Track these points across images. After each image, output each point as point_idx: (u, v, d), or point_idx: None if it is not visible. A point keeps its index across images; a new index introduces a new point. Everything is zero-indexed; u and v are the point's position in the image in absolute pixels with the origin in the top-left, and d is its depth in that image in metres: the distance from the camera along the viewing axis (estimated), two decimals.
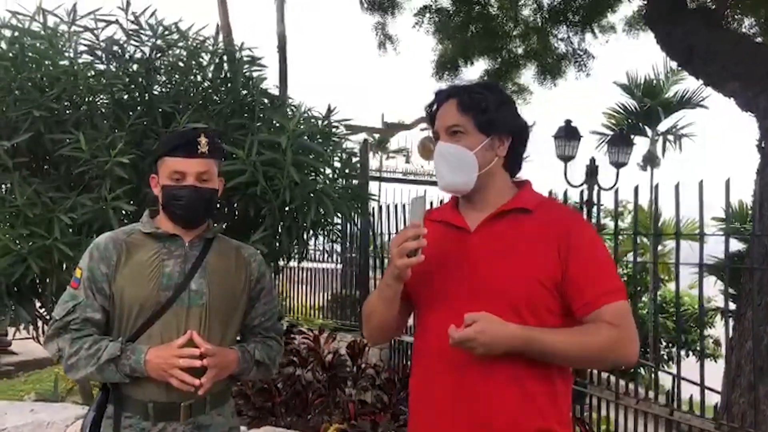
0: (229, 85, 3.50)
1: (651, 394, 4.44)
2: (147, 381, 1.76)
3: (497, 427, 1.55)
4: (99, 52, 3.30)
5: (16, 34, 3.14)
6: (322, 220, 3.39)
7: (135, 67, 3.33)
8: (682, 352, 11.79)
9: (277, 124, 3.30)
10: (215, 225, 1.97)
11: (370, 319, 1.77)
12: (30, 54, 3.12)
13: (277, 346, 2.03)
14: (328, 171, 3.45)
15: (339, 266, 8.34)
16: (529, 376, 1.55)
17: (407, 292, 1.71)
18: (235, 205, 3.44)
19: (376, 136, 15.67)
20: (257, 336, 2.00)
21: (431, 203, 5.53)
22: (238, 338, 2.01)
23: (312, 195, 3.15)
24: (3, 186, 3.04)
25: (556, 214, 1.65)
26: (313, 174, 3.35)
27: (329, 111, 3.43)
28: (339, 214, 3.59)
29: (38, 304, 3.30)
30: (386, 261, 6.87)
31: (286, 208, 3.19)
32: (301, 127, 3.25)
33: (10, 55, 3.07)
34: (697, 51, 4.76)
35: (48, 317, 3.42)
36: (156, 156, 1.89)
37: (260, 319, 2.00)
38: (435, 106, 1.70)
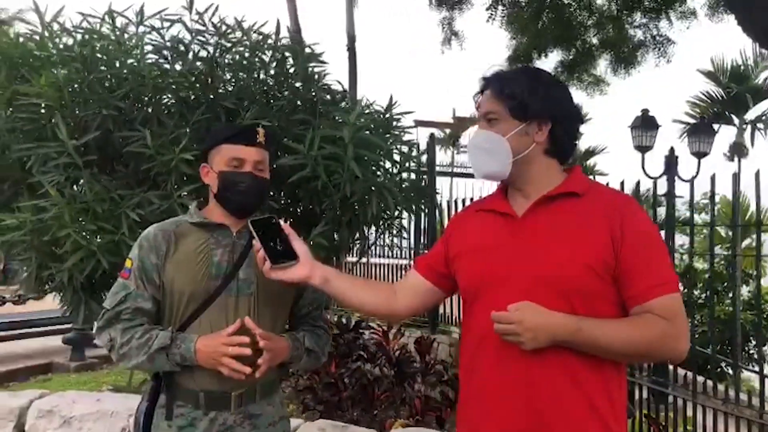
0: (290, 81, 3.51)
1: (733, 394, 4.21)
2: (198, 370, 1.79)
3: (549, 416, 1.49)
4: (165, 52, 3.38)
5: (87, 36, 3.25)
6: (384, 215, 3.36)
7: (199, 65, 3.39)
8: None
9: (338, 119, 3.30)
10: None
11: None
12: (99, 55, 3.22)
13: (325, 336, 2.03)
14: (389, 165, 3.42)
15: (410, 262, 8.33)
16: (580, 365, 1.49)
17: (450, 281, 1.75)
18: (299, 200, 3.45)
19: (448, 131, 15.56)
20: (306, 325, 2.01)
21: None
22: (287, 327, 2.02)
23: (372, 189, 3.13)
24: (74, 184, 3.14)
25: (609, 198, 1.58)
26: (373, 168, 3.32)
27: (390, 104, 3.39)
28: (403, 209, 3.57)
29: None
30: None
31: (347, 203, 3.18)
32: (362, 120, 3.23)
33: (81, 56, 3.18)
34: None
35: None
36: (209, 145, 1.91)
37: (308, 308, 2.01)
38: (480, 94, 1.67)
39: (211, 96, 3.33)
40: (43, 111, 3.17)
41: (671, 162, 6.70)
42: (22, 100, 3.08)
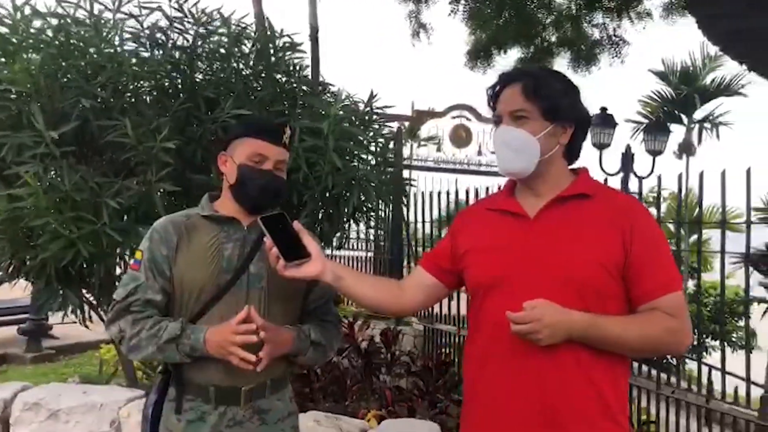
0: (269, 71, 3.50)
1: (690, 385, 4.39)
2: (208, 365, 1.77)
3: (561, 409, 1.55)
4: (143, 39, 3.33)
5: (62, 21, 3.17)
6: (363, 207, 3.39)
7: (178, 54, 3.35)
8: (716, 343, 11.61)
9: (320, 111, 3.30)
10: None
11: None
12: (75, 41, 3.15)
13: (334, 329, 2.02)
14: (369, 157, 3.44)
15: (371, 254, 8.36)
16: (592, 360, 1.55)
17: (454, 277, 1.79)
18: None
19: (407, 124, 15.59)
20: (315, 318, 1.99)
21: (467, 192, 5.53)
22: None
23: (354, 181, 3.16)
24: (52, 173, 3.07)
25: (619, 199, 1.67)
26: (354, 160, 3.34)
27: (371, 97, 3.41)
28: (379, 201, 3.60)
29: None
30: (419, 249, 6.94)
31: (327, 194, 3.19)
32: (342, 113, 3.24)
33: (57, 42, 3.10)
34: (743, 34, 4.64)
35: (94, 302, 3.48)
36: (234, 135, 1.90)
37: (318, 302, 1.99)
38: (498, 88, 1.68)
39: (189, 83, 3.30)
40: (14, 97, 3.08)
41: (627, 159, 6.91)
42: None
